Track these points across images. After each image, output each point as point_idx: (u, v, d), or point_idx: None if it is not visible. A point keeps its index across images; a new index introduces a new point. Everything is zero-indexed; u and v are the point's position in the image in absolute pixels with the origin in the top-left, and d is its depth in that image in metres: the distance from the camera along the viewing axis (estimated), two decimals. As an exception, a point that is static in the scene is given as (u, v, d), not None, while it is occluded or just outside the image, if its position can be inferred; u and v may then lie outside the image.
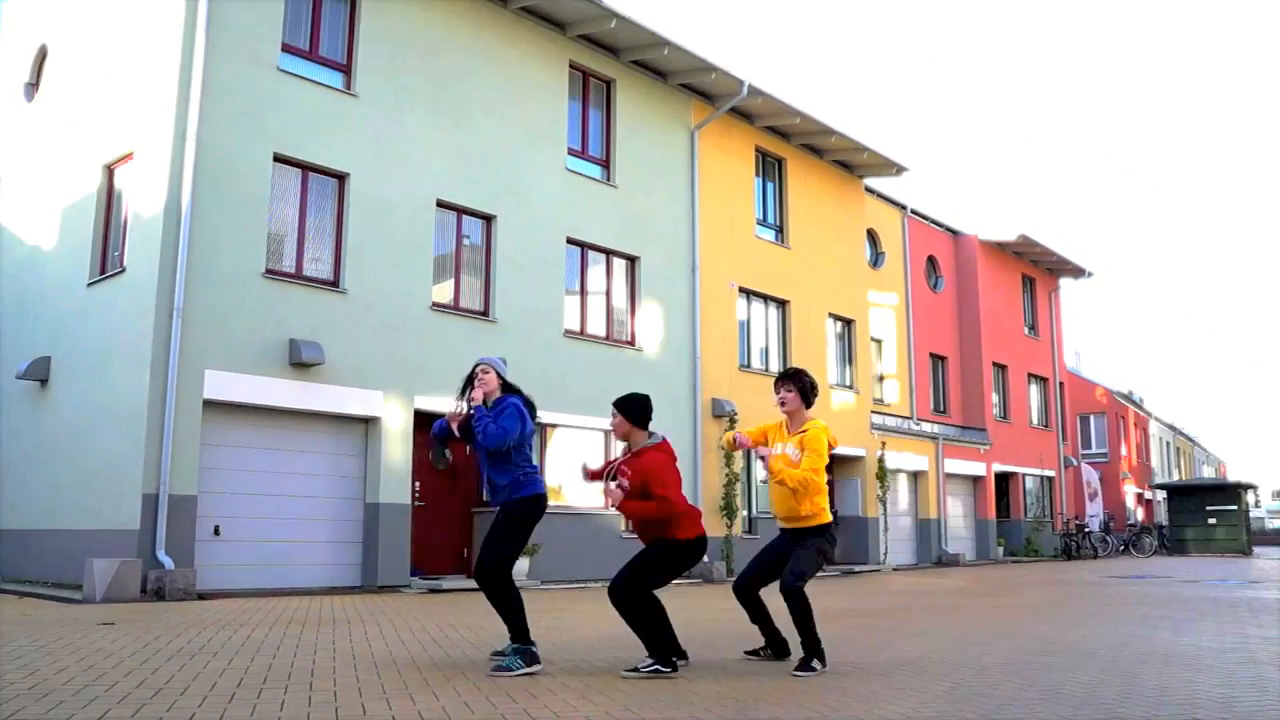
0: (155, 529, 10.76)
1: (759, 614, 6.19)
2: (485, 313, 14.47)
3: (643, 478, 5.61)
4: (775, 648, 6.20)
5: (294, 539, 12.20)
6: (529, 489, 5.74)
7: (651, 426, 5.94)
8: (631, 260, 16.82)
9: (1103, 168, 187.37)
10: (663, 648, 5.46)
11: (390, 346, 13.11)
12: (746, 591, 6.14)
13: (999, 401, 28.10)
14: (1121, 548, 30.14)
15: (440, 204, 14.07)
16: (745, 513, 18.25)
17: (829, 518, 5.92)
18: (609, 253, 16.49)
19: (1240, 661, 6.20)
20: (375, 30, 13.53)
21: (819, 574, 6.26)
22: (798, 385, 6.04)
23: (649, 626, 5.50)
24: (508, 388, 5.95)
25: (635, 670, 5.41)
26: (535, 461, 5.98)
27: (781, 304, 19.92)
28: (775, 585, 5.88)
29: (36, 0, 15.09)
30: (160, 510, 10.79)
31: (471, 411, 5.82)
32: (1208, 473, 67.42)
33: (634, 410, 5.84)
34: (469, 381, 5.95)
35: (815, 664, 5.57)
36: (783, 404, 6.06)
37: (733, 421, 17.69)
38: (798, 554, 5.86)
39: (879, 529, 21.48)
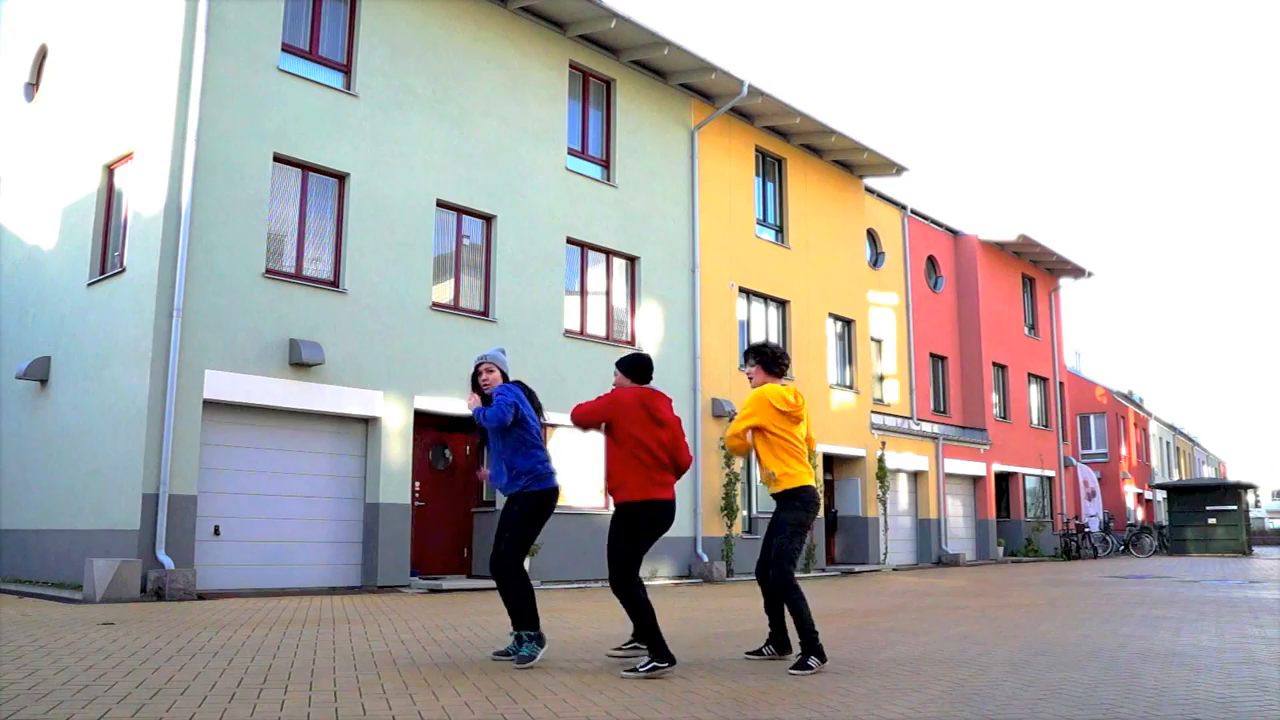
0: (155, 529, 10.76)
1: (772, 601, 6.23)
2: (485, 313, 14.47)
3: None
4: (778, 643, 6.21)
5: (294, 539, 12.20)
6: (547, 482, 5.98)
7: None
8: (631, 260, 16.82)
9: (1103, 168, 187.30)
10: (659, 643, 5.47)
11: (390, 346, 13.11)
12: (760, 574, 6.25)
13: (999, 401, 28.10)
14: (1121, 548, 30.14)
15: (440, 204, 14.07)
16: (745, 513, 18.26)
17: (800, 481, 6.05)
18: (609, 253, 16.49)
19: (1240, 661, 6.20)
20: (375, 30, 13.53)
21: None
22: (758, 358, 6.36)
23: (642, 614, 5.53)
24: (508, 380, 6.21)
25: (634, 670, 5.41)
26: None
27: (781, 304, 19.92)
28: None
29: (36, 0, 15.10)
30: (160, 510, 10.79)
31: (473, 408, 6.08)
32: (1208, 473, 67.41)
33: (630, 369, 6.09)
34: (474, 380, 6.22)
35: (812, 662, 5.57)
36: (750, 379, 6.40)
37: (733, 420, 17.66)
38: (777, 536, 6.01)
39: (879, 529, 21.48)
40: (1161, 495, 41.97)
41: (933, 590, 14.03)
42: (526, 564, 13.77)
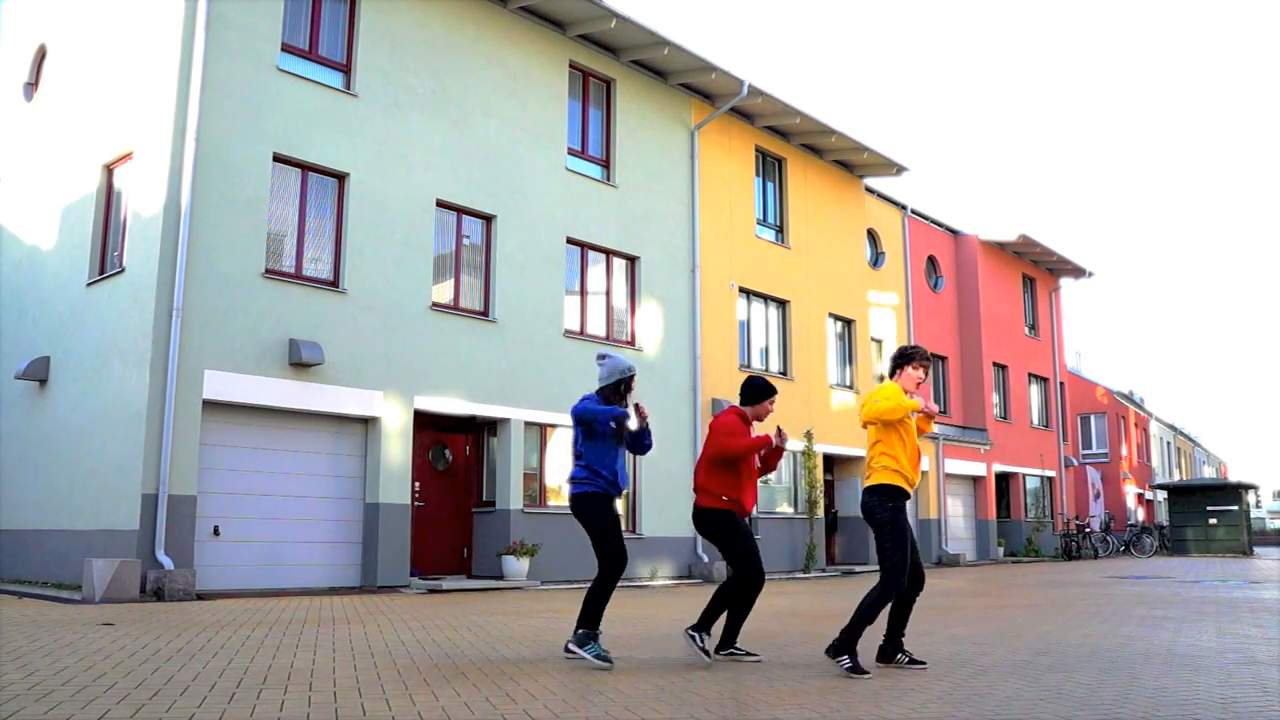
0: (155, 529, 10.75)
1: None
2: (485, 313, 14.46)
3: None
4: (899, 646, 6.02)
5: (294, 539, 12.20)
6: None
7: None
8: (631, 260, 16.82)
9: (1103, 168, 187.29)
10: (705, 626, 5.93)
11: (390, 346, 13.10)
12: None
13: (999, 401, 28.09)
14: (1122, 548, 30.13)
15: (440, 204, 14.06)
16: (745, 513, 18.22)
17: (882, 478, 5.75)
18: (609, 253, 16.49)
19: (1240, 662, 6.20)
20: (375, 30, 13.53)
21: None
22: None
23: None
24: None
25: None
26: (585, 461, 6.11)
27: (781, 304, 19.92)
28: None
29: (36, 0, 15.09)
30: (160, 510, 10.78)
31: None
32: (1208, 473, 67.40)
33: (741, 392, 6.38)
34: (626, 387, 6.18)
35: (845, 660, 5.50)
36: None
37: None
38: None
39: (879, 529, 21.44)
40: (1162, 495, 41.96)
41: (933, 590, 14.02)
42: (526, 565, 13.84)
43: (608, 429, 5.99)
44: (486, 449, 14.80)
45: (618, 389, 6.11)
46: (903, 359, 6.02)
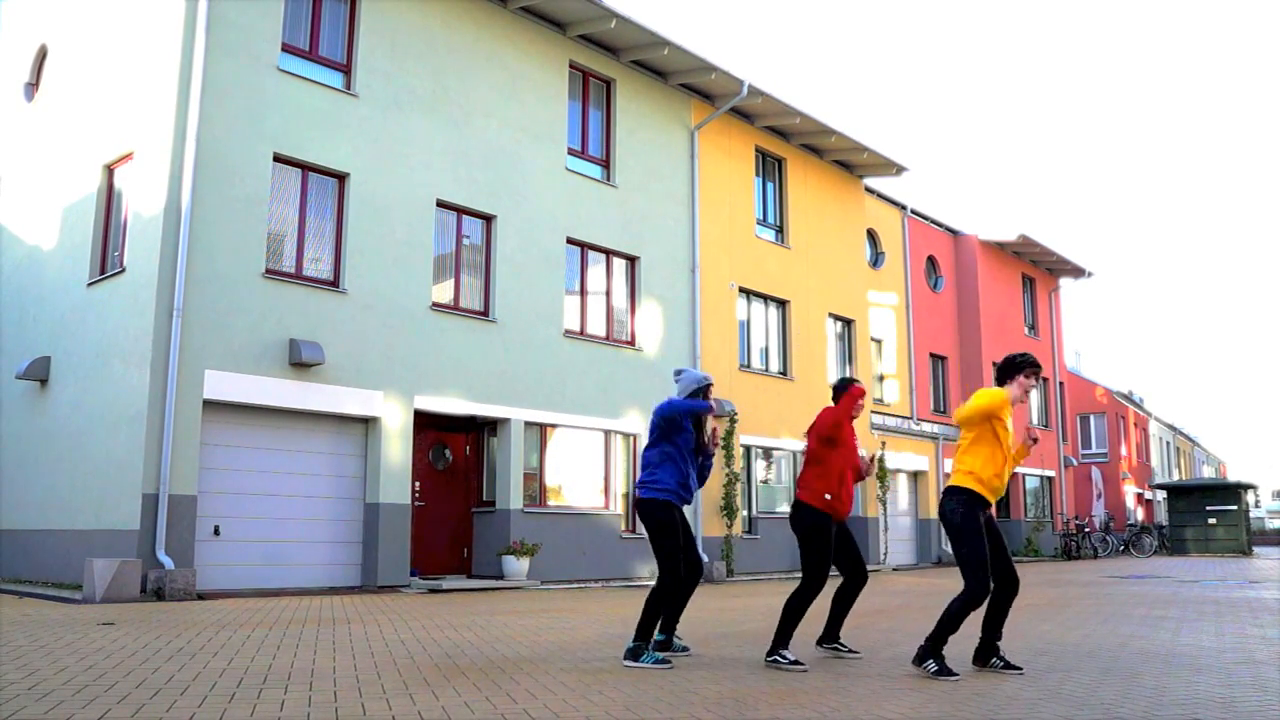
0: (155, 529, 10.76)
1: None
2: (485, 313, 14.47)
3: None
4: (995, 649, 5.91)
5: (294, 539, 12.20)
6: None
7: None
8: (631, 260, 16.82)
9: (1103, 168, 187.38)
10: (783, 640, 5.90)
11: (390, 346, 13.11)
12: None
13: (999, 401, 28.05)
14: (1121, 548, 30.14)
15: (440, 204, 14.07)
16: (745, 513, 18.25)
17: (956, 480, 5.73)
18: (609, 253, 16.49)
19: (1240, 661, 6.20)
20: (375, 30, 13.53)
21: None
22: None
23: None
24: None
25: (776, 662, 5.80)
26: (656, 465, 6.16)
27: (781, 304, 19.92)
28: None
29: (36, 0, 15.10)
30: (160, 510, 10.79)
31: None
32: (1208, 473, 67.43)
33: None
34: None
35: (931, 664, 5.48)
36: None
37: (733, 421, 17.65)
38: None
39: (879, 529, 21.49)
40: (1161, 495, 42.00)
41: (933, 590, 14.02)
42: (526, 564, 13.84)
43: (688, 426, 6.05)
44: (486, 449, 14.81)
45: (696, 399, 6.15)
46: (1013, 368, 5.85)
